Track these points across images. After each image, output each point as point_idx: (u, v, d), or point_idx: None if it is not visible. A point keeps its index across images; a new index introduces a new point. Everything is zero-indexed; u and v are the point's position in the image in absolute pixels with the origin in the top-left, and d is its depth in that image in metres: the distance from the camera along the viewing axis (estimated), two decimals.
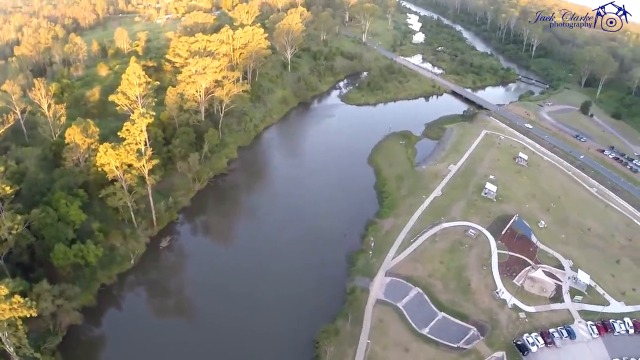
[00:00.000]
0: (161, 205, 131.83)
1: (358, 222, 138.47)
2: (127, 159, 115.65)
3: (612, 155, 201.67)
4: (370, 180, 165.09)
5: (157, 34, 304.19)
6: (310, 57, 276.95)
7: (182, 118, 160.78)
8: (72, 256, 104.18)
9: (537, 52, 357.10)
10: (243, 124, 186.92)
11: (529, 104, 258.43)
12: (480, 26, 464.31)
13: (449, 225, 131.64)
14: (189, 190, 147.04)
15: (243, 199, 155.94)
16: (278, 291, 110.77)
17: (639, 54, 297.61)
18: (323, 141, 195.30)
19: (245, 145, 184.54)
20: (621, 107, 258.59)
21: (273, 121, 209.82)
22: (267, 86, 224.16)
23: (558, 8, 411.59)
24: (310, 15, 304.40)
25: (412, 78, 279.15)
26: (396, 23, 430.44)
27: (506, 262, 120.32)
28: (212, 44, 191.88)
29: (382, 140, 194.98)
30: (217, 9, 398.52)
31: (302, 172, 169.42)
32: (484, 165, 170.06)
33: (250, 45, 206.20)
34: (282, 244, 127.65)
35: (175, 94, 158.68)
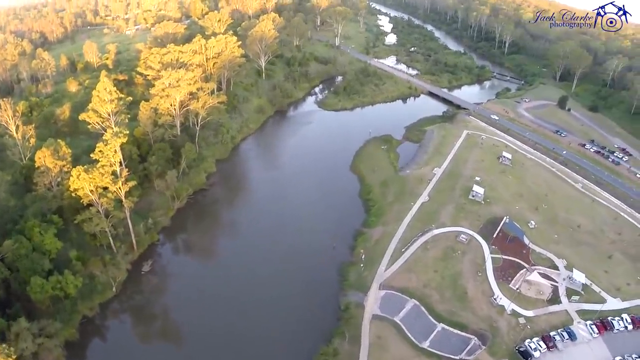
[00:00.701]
0: (140, 228, 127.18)
1: (346, 233, 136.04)
2: (102, 182, 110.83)
3: (593, 149, 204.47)
4: (354, 188, 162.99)
5: (126, 46, 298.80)
6: (284, 63, 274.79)
7: (157, 133, 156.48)
8: (50, 289, 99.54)
9: (510, 48, 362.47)
10: (220, 136, 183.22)
11: (507, 101, 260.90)
12: (451, 25, 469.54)
13: (439, 232, 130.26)
14: (169, 209, 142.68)
15: (225, 214, 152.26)
16: (269, 311, 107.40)
17: (612, 46, 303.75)
18: (303, 150, 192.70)
19: (224, 158, 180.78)
20: (597, 100, 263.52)
21: (250, 131, 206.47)
22: (242, 95, 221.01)
23: (527, 4, 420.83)
24: (283, 21, 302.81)
25: (388, 80, 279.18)
26: (367, 25, 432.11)
27: (500, 266, 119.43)
28: (185, 54, 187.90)
29: (363, 146, 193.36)
30: (186, 18, 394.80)
31: (284, 183, 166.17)
32: (468, 166, 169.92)
33: (224, 55, 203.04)
34: (269, 261, 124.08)
35: (148, 108, 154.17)
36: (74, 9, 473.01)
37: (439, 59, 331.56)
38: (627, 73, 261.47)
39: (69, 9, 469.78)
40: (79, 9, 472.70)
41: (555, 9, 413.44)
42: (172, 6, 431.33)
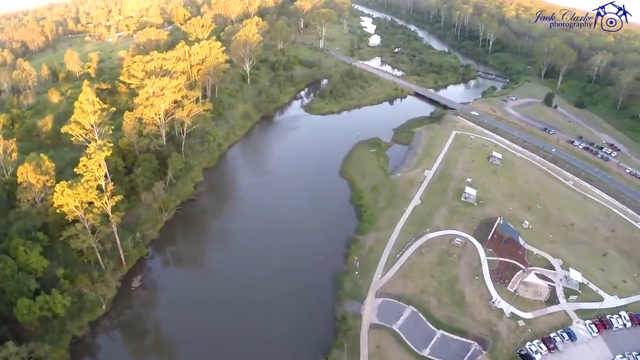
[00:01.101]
0: (128, 243, 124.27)
1: (338, 240, 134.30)
2: (87, 198, 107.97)
3: (582, 146, 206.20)
4: (344, 193, 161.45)
5: (109, 54, 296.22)
6: (268, 68, 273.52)
7: (142, 144, 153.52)
8: (37, 310, 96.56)
9: (494, 47, 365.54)
10: (206, 144, 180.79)
11: (493, 99, 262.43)
12: (434, 24, 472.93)
13: (434, 236, 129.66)
14: (157, 222, 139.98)
15: (214, 225, 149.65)
16: (264, 324, 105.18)
17: (596, 42, 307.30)
18: (291, 155, 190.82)
19: (211, 167, 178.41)
20: (583, 96, 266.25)
21: (237, 138, 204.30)
22: (227, 101, 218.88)
23: (509, 2, 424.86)
24: (266, 25, 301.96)
25: (374, 82, 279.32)
26: (351, 27, 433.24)
27: (497, 268, 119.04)
28: (168, 61, 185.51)
29: (351, 150, 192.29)
30: (169, 24, 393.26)
31: (273, 190, 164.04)
32: (459, 167, 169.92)
33: (208, 61, 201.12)
34: (261, 271, 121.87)
35: (133, 118, 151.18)
36: (55, 17, 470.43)
37: (423, 59, 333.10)
38: (612, 68, 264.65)
39: (50, 17, 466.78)
40: (60, 17, 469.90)
41: (537, 6, 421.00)
42: (154, 12, 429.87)
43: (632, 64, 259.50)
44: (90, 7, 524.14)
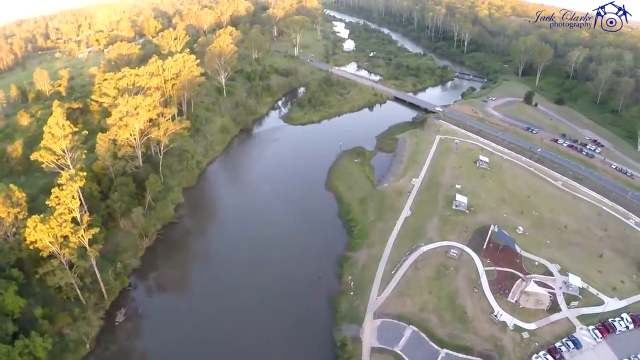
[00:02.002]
0: (109, 275, 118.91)
1: (329, 259, 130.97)
2: (62, 232, 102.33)
3: (566, 144, 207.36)
4: (332, 207, 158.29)
5: (80, 70, 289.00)
6: (244, 78, 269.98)
7: (117, 167, 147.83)
8: (17, 355, 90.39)
9: (469, 46, 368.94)
10: (185, 163, 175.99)
11: (473, 100, 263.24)
12: (407, 27, 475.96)
13: (428, 248, 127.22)
14: (137, 249, 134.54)
15: (198, 248, 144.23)
16: (257, 353, 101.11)
17: (571, 38, 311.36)
18: (273, 169, 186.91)
19: (191, 186, 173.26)
20: (562, 93, 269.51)
21: (216, 154, 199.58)
22: (204, 116, 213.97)
23: (481, 1, 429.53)
24: (240, 34, 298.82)
25: (352, 88, 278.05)
26: (324, 32, 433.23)
27: (495, 279, 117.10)
28: (141, 78, 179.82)
29: (335, 161, 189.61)
30: (140, 37, 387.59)
31: (257, 207, 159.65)
32: (446, 174, 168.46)
33: (183, 75, 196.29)
34: (251, 295, 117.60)
35: (106, 140, 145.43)
36: (24, 33, 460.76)
37: (400, 63, 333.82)
38: (589, 64, 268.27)
39: (18, 34, 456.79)
40: (29, 34, 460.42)
41: (508, 5, 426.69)
42: (125, 25, 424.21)
43: (608, 58, 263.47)
44: (60, 22, 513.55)
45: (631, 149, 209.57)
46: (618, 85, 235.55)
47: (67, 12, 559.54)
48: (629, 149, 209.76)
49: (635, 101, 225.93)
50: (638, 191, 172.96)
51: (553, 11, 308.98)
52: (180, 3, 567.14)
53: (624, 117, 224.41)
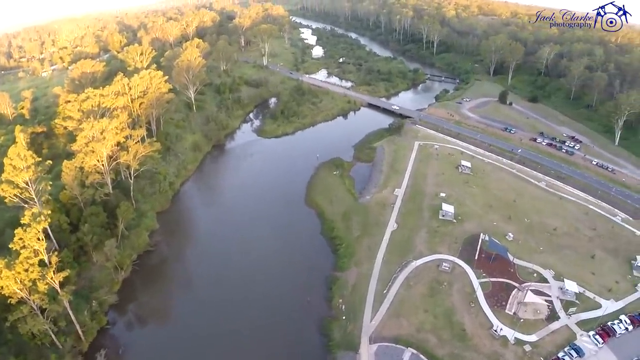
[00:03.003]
0: (85, 315, 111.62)
1: (316, 280, 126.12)
2: (29, 277, 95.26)
3: (545, 142, 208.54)
4: (314, 225, 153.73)
5: (44, 90, 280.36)
6: (214, 91, 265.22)
7: (86, 195, 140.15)
8: None
9: (439, 48, 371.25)
10: (157, 185, 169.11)
11: (448, 103, 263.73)
12: (375, 30, 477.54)
13: (419, 263, 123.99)
14: (113, 283, 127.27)
15: (177, 276, 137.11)
16: None
17: (540, 35, 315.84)
18: (250, 186, 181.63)
19: (165, 209, 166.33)
20: (535, 90, 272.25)
21: (189, 173, 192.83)
22: (174, 133, 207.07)
23: (448, 2, 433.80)
24: (207, 46, 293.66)
25: (325, 97, 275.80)
26: (292, 40, 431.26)
27: (491, 291, 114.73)
28: (107, 98, 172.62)
29: (314, 174, 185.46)
30: (105, 52, 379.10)
31: (237, 229, 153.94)
32: (429, 182, 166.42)
33: (150, 92, 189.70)
34: (235, 324, 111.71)
35: (72, 168, 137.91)
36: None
37: (371, 68, 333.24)
38: (560, 60, 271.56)
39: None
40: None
41: (474, 5, 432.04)
42: (89, 41, 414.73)
43: (579, 53, 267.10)
44: (24, 40, 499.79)
45: (609, 143, 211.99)
46: (591, 80, 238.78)
47: (30, 29, 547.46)
48: (606, 144, 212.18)
49: (610, 96, 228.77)
50: (621, 187, 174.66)
51: (525, 10, 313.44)
52: (145, 16, 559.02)
53: (599, 112, 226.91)
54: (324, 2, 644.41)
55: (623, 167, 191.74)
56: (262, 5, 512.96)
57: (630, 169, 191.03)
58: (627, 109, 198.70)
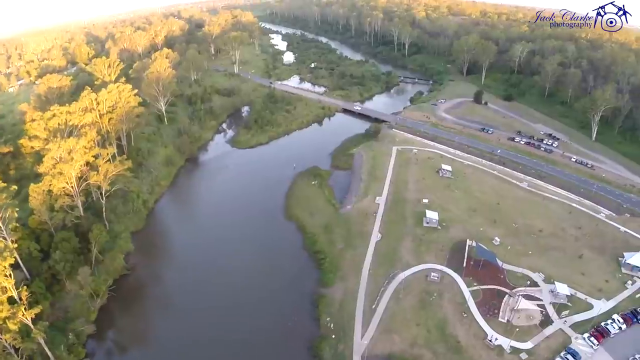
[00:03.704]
0: (61, 350, 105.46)
1: (302, 299, 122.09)
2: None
3: (523, 141, 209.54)
4: (295, 238, 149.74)
5: (10, 107, 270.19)
6: (185, 102, 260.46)
7: (56, 220, 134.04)
8: None
9: (411, 49, 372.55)
10: (130, 204, 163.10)
11: (423, 105, 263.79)
12: (345, 34, 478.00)
13: (406, 275, 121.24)
14: (89, 312, 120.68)
15: (156, 300, 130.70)
16: None
17: (512, 33, 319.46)
18: (226, 200, 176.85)
19: (140, 229, 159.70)
20: (509, 88, 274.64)
21: (163, 190, 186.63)
22: (146, 148, 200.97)
23: (417, 3, 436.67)
24: (177, 56, 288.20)
25: (298, 103, 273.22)
26: (263, 47, 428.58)
27: (482, 299, 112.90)
28: (74, 115, 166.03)
29: (291, 185, 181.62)
30: (72, 65, 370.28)
31: (214, 246, 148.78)
32: (410, 188, 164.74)
33: (119, 107, 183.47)
34: (218, 350, 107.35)
35: (40, 192, 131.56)
36: None
37: (343, 72, 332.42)
38: (533, 57, 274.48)
39: None
40: None
41: (444, 5, 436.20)
42: (56, 54, 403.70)
43: (551, 50, 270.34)
44: None
45: (586, 139, 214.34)
46: (565, 77, 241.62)
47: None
48: (583, 139, 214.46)
49: (584, 91, 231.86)
50: (602, 183, 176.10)
51: (493, 9, 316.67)
52: (113, 26, 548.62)
53: (574, 108, 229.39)
54: (292, 7, 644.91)
55: (602, 163, 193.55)
56: (231, 12, 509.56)
57: (609, 164, 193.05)
58: (603, 104, 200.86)
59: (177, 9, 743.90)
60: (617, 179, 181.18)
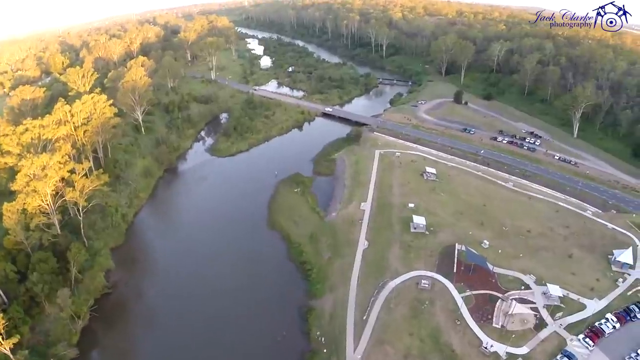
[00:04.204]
0: None
1: (290, 312, 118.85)
2: None
3: (506, 140, 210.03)
4: (280, 249, 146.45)
5: None
6: (162, 111, 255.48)
7: (32, 239, 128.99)
8: None
9: (388, 51, 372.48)
10: (109, 219, 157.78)
11: (404, 107, 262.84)
12: (322, 37, 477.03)
13: (396, 283, 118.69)
14: (71, 335, 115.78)
15: (139, 318, 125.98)
16: None
17: (489, 32, 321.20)
18: (207, 211, 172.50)
19: (120, 245, 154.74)
20: (489, 88, 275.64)
21: (142, 202, 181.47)
22: (123, 159, 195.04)
23: (393, 4, 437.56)
24: (152, 64, 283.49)
25: (277, 109, 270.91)
26: (239, 52, 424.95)
27: (474, 305, 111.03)
28: (48, 129, 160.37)
29: (274, 193, 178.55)
30: (47, 75, 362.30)
31: (197, 260, 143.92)
32: (395, 192, 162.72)
33: (95, 118, 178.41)
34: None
35: (15, 211, 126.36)
36: None
37: (322, 75, 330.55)
38: (511, 56, 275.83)
39: None
40: None
41: (420, 5, 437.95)
42: (30, 64, 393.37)
43: (529, 48, 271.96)
44: None
45: (568, 136, 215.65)
46: (544, 75, 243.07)
47: None
48: (565, 137, 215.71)
49: (563, 89, 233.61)
50: (586, 180, 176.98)
51: (468, 8, 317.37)
52: (88, 34, 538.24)
53: (554, 106, 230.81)
54: (268, 11, 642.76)
55: (585, 160, 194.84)
56: (207, 18, 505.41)
57: (591, 160, 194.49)
58: (583, 101, 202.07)
59: (153, 15, 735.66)
60: (601, 175, 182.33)
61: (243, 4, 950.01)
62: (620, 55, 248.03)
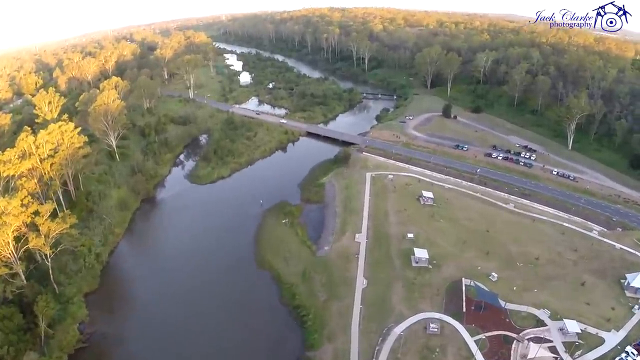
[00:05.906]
0: None
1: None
2: None
3: (501, 156, 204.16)
4: (270, 291, 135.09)
5: None
6: (138, 134, 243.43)
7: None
8: None
9: (370, 64, 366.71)
10: (82, 260, 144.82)
11: (391, 123, 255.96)
12: (301, 51, 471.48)
13: (402, 329, 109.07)
14: None
15: None
16: None
17: (473, 42, 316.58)
18: (189, 248, 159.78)
19: (94, 289, 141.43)
20: (477, 100, 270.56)
21: (118, 239, 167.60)
22: (97, 191, 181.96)
23: (373, 16, 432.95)
24: (127, 84, 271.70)
25: (259, 129, 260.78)
26: (218, 68, 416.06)
27: (489, 349, 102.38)
28: (9, 165, 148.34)
29: (260, 225, 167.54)
30: (19, 96, 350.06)
31: (179, 307, 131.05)
32: (392, 221, 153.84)
33: (63, 149, 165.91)
34: None
35: None
36: None
37: (304, 91, 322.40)
38: (498, 66, 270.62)
39: None
40: None
41: (399, 17, 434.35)
42: (2, 85, 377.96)
43: (516, 58, 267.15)
44: None
45: (562, 149, 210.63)
46: (534, 85, 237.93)
47: None
48: (560, 149, 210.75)
49: (554, 99, 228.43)
50: (587, 195, 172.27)
51: (447, 18, 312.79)
52: (64, 52, 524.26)
53: (546, 117, 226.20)
54: (246, 26, 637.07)
55: (582, 173, 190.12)
56: (184, 33, 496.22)
57: (589, 174, 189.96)
58: (578, 112, 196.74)
59: (130, 31, 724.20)
60: (601, 189, 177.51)
61: (221, 19, 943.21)
62: (608, 62, 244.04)
